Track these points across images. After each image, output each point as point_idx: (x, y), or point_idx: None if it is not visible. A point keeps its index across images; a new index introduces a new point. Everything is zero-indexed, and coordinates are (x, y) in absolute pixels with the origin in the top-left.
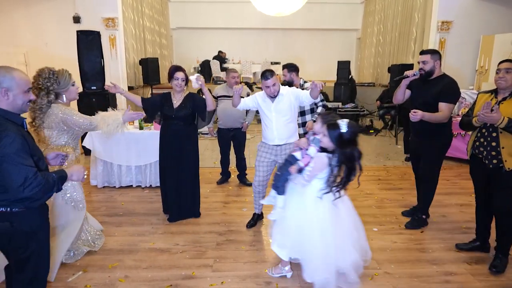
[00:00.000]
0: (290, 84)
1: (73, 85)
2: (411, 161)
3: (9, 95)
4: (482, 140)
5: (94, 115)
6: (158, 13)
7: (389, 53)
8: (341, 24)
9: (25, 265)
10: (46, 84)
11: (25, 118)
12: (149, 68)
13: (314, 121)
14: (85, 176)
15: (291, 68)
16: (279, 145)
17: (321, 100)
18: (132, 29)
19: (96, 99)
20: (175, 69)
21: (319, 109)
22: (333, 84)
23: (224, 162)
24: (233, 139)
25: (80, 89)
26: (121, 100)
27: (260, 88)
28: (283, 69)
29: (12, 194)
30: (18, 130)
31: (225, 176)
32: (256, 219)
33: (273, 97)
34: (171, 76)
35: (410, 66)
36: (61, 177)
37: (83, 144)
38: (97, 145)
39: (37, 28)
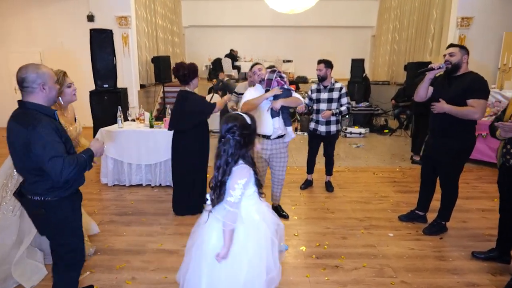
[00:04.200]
0: (323, 79)
1: (68, 86)
2: (422, 163)
3: (45, 88)
4: (508, 147)
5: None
6: (171, 11)
7: (405, 50)
8: (355, 21)
9: (60, 252)
10: None
11: (56, 110)
12: (161, 66)
13: (334, 114)
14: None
15: (328, 64)
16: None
17: (348, 103)
18: (144, 28)
19: (108, 97)
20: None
21: (343, 108)
22: (347, 82)
23: None
24: None
25: (93, 87)
26: (132, 98)
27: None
28: (319, 63)
29: (54, 179)
30: (50, 121)
31: None
32: None
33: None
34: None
35: (427, 64)
36: (90, 156)
37: None
38: (108, 143)
39: (52, 27)
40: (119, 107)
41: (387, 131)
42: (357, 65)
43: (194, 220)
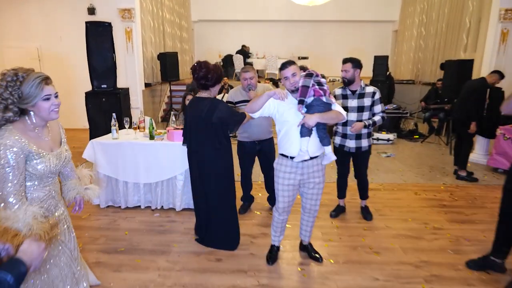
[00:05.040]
0: (350, 82)
1: (46, 99)
2: (505, 197)
3: None
4: None
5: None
6: (179, 4)
7: (434, 47)
8: (376, 16)
9: None
10: (3, 95)
11: None
12: (167, 63)
13: (366, 126)
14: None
15: (356, 63)
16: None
17: (382, 111)
18: (150, 21)
19: (106, 99)
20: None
21: (377, 118)
22: (369, 81)
23: (247, 184)
24: (259, 154)
25: (89, 88)
26: (137, 98)
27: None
28: (345, 62)
29: None
30: None
31: (247, 202)
32: (276, 253)
33: (296, 90)
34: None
35: (469, 62)
36: (21, 275)
37: (83, 156)
38: (100, 158)
39: (50, 21)
40: (113, 114)
41: (417, 136)
42: (381, 62)
43: (201, 263)
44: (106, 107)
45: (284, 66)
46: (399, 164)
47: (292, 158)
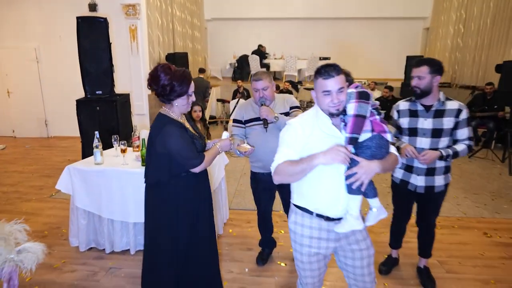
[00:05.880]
0: (424, 94)
1: None
2: None
3: None
4: None
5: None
6: (191, 1)
7: (475, 45)
8: (404, 12)
9: None
10: None
11: None
12: (177, 65)
13: (443, 158)
14: None
15: (437, 67)
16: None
17: (469, 138)
18: (158, 19)
19: (101, 107)
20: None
21: (461, 147)
22: (400, 84)
23: (265, 225)
24: (280, 188)
25: (82, 94)
26: (142, 103)
27: (308, 89)
28: (418, 65)
29: None
30: None
31: (267, 248)
32: None
33: (336, 114)
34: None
35: None
36: None
37: (57, 186)
38: (78, 189)
39: (49, 19)
40: (96, 132)
41: None
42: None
43: None
44: (102, 117)
45: (327, 73)
46: (450, 188)
47: (320, 216)
